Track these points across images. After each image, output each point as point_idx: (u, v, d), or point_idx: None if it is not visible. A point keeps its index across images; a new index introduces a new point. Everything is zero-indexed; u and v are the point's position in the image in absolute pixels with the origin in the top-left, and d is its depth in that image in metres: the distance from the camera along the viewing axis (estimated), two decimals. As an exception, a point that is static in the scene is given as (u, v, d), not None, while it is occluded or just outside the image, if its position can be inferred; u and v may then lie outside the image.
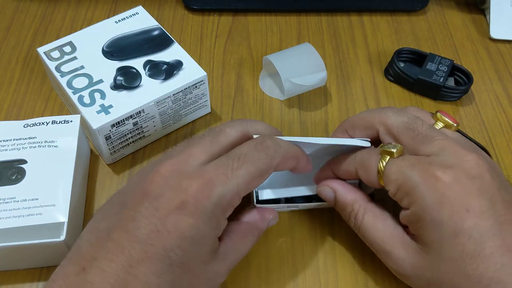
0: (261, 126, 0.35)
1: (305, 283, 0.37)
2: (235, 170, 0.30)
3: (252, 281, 0.37)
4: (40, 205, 0.35)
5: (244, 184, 0.30)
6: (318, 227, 0.40)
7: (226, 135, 0.32)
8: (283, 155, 0.32)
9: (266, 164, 0.31)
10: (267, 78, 0.51)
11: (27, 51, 0.53)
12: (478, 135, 0.47)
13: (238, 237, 0.33)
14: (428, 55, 0.50)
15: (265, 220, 0.35)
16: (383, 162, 0.33)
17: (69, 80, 0.43)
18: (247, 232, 0.34)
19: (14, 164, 0.37)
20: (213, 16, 0.57)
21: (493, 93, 0.51)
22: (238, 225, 0.34)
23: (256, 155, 0.31)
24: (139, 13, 0.49)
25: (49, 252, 0.35)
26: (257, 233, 0.34)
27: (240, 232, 0.33)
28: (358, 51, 0.54)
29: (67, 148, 0.39)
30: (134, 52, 0.45)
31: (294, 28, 0.57)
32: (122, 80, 0.43)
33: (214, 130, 0.33)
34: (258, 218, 0.35)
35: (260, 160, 0.31)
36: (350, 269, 0.38)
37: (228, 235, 0.32)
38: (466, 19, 0.59)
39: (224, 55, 0.53)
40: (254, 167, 0.30)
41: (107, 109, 0.40)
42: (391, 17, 0.58)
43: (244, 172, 0.30)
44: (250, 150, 0.31)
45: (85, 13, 0.57)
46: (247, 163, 0.30)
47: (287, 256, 0.38)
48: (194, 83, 0.43)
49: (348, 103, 0.49)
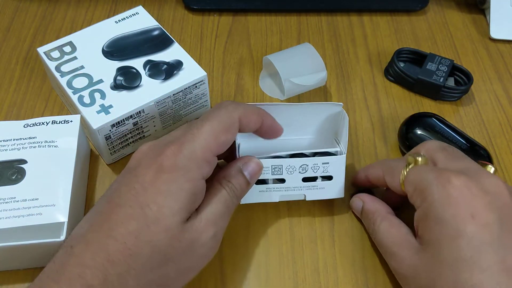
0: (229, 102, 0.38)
1: (305, 284, 0.37)
2: (200, 128, 0.32)
3: (252, 281, 0.37)
4: (40, 205, 0.35)
5: (211, 138, 0.32)
6: (318, 227, 0.40)
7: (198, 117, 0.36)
8: (243, 109, 0.34)
9: (227, 117, 0.33)
10: (267, 78, 0.51)
11: (27, 51, 0.53)
12: (478, 135, 0.47)
13: (209, 191, 0.33)
14: (428, 55, 0.50)
15: (232, 167, 0.35)
16: (407, 168, 0.35)
17: (69, 80, 0.43)
18: (213, 185, 0.34)
19: (14, 164, 0.37)
20: (213, 16, 0.57)
21: (493, 93, 0.51)
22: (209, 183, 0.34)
23: (216, 111, 0.34)
24: (139, 13, 0.49)
25: (49, 252, 0.34)
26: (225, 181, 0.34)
27: (211, 187, 0.34)
28: (358, 51, 0.54)
29: (67, 148, 0.39)
30: (134, 52, 0.45)
31: (294, 28, 0.57)
32: (122, 80, 0.43)
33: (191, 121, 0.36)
34: (225, 168, 0.36)
35: (220, 115, 0.33)
36: (350, 269, 0.38)
37: None
38: (466, 19, 0.59)
39: (224, 55, 0.53)
40: (216, 121, 0.33)
41: (107, 109, 0.40)
42: (391, 17, 0.58)
43: (208, 127, 0.32)
44: (211, 111, 0.34)
45: (85, 13, 0.57)
46: (209, 120, 0.33)
47: (287, 256, 0.38)
48: (194, 83, 0.43)
49: (348, 103, 0.49)
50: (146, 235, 0.29)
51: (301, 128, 0.41)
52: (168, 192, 0.30)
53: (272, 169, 0.38)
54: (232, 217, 0.40)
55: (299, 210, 0.41)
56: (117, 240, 0.29)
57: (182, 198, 0.30)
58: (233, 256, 0.38)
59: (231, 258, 0.38)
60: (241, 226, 0.40)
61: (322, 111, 0.38)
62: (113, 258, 0.28)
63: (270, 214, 0.41)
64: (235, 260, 0.38)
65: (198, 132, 0.32)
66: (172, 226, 0.30)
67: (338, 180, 0.39)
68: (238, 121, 0.34)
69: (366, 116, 0.48)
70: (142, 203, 0.30)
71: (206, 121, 0.33)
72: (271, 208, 0.41)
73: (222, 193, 0.34)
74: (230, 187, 0.34)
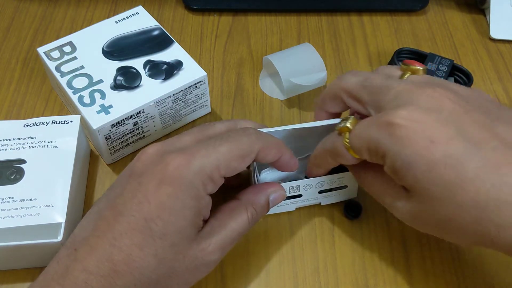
0: (250, 123, 0.36)
1: (305, 284, 0.37)
2: (217, 147, 0.31)
3: (252, 281, 0.37)
4: (38, 205, 0.35)
5: (224, 160, 0.31)
6: (318, 227, 0.40)
7: (214, 128, 0.34)
8: (264, 142, 0.33)
9: (248, 146, 0.32)
10: (267, 78, 0.51)
11: (27, 51, 0.53)
12: (478, 135, 0.47)
13: (226, 212, 0.33)
14: (428, 55, 0.50)
15: (262, 194, 0.35)
16: (346, 139, 0.33)
17: (69, 80, 0.43)
18: (237, 207, 0.33)
19: (13, 164, 0.37)
20: (213, 16, 0.57)
21: (493, 93, 0.51)
22: (226, 203, 0.34)
23: (238, 137, 0.32)
24: (139, 13, 0.49)
25: (47, 253, 0.34)
26: (251, 208, 0.34)
27: (228, 208, 0.33)
28: (358, 51, 0.54)
29: (66, 148, 0.39)
30: (134, 52, 0.45)
31: (294, 28, 0.57)
32: (122, 80, 0.43)
33: (205, 124, 0.35)
34: (253, 193, 0.35)
35: (241, 141, 0.32)
36: (350, 269, 0.38)
37: (215, 215, 0.33)
38: (466, 19, 0.59)
39: (224, 55, 0.53)
40: (235, 146, 0.31)
41: (107, 109, 0.40)
42: (391, 17, 0.58)
43: (225, 149, 0.31)
44: (234, 134, 0.32)
45: (85, 13, 0.57)
46: (229, 142, 0.31)
47: (287, 256, 0.38)
48: (194, 83, 0.43)
49: (348, 103, 0.49)
50: (151, 248, 0.29)
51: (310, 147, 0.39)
52: (173, 210, 0.29)
53: (289, 190, 0.38)
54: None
55: (299, 211, 0.41)
56: (122, 250, 0.28)
57: (187, 216, 0.30)
58: (233, 256, 0.38)
59: (231, 258, 0.38)
60: (241, 226, 0.40)
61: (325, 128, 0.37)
62: (118, 268, 0.28)
63: (270, 214, 0.41)
64: (235, 260, 0.38)
65: (213, 150, 0.31)
66: (178, 242, 0.30)
67: (351, 187, 0.40)
68: (257, 152, 0.32)
69: (366, 116, 0.48)
70: (146, 216, 0.29)
71: (225, 142, 0.31)
72: (271, 208, 0.41)
73: (243, 219, 0.33)
74: (253, 214, 0.33)
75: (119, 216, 0.29)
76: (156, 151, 0.31)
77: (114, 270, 0.28)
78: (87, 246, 0.29)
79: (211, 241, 0.31)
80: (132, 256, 0.28)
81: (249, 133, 0.33)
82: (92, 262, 0.28)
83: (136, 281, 0.29)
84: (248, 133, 0.33)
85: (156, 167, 0.30)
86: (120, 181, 0.32)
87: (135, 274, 0.28)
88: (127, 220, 0.29)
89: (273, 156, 0.34)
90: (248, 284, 0.37)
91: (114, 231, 0.29)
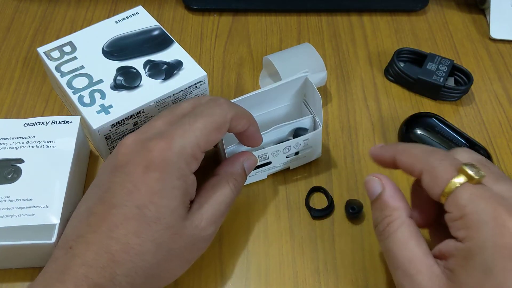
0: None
1: (305, 284, 0.37)
2: (192, 124, 0.32)
3: (252, 281, 0.37)
4: (33, 205, 0.35)
5: (202, 136, 0.32)
6: (318, 228, 0.40)
7: (182, 107, 0.35)
8: (236, 112, 0.34)
9: (221, 117, 0.33)
10: (267, 78, 0.51)
11: (27, 51, 0.53)
12: (478, 135, 0.47)
13: (209, 189, 0.34)
14: (428, 55, 0.50)
15: (237, 163, 0.36)
16: (458, 182, 0.29)
17: (69, 80, 0.43)
18: (218, 181, 0.34)
19: (11, 163, 0.37)
20: (213, 16, 0.57)
21: (493, 93, 0.51)
22: (207, 181, 0.34)
23: (210, 110, 0.33)
24: (139, 13, 0.49)
25: (41, 253, 0.35)
26: (232, 179, 0.35)
27: (210, 185, 0.34)
28: (358, 51, 0.54)
29: (65, 149, 0.39)
30: (134, 52, 0.45)
31: (294, 28, 0.57)
32: (122, 80, 0.43)
33: (171, 105, 0.35)
34: (229, 165, 0.36)
35: (214, 114, 0.33)
36: (350, 269, 0.38)
37: (199, 193, 0.33)
38: (466, 19, 0.59)
39: (224, 55, 0.53)
40: (209, 120, 0.32)
41: (107, 109, 0.40)
42: (391, 17, 0.58)
43: (201, 124, 0.32)
44: (205, 107, 0.33)
45: (85, 13, 0.57)
46: (203, 117, 0.32)
47: (287, 257, 0.38)
48: (194, 83, 0.43)
49: (348, 103, 0.49)
50: (148, 234, 0.29)
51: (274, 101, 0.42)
52: (162, 192, 0.30)
53: (259, 158, 0.40)
54: (232, 217, 0.40)
55: (299, 210, 0.41)
56: (119, 240, 0.29)
57: (176, 196, 0.31)
58: (233, 256, 0.38)
59: (231, 258, 0.38)
60: (241, 226, 0.40)
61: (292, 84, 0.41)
62: (117, 258, 0.28)
63: (270, 214, 0.41)
64: (235, 260, 0.38)
65: (190, 128, 0.32)
66: (173, 223, 0.30)
67: (316, 147, 0.42)
68: (230, 121, 0.33)
69: (366, 116, 0.48)
70: (138, 203, 0.30)
71: (199, 117, 0.32)
72: (271, 208, 0.41)
73: (226, 190, 0.34)
74: (235, 185, 0.35)
75: (112, 208, 0.29)
76: (134, 141, 0.32)
77: (113, 260, 0.28)
78: (83, 242, 0.29)
79: (203, 216, 0.32)
80: (130, 244, 0.29)
81: (220, 103, 0.34)
82: (91, 256, 0.28)
83: (137, 268, 0.29)
84: (220, 103, 0.34)
85: (139, 155, 0.31)
86: (103, 178, 0.32)
87: (136, 260, 0.29)
88: (121, 211, 0.29)
89: (243, 125, 0.35)
90: (248, 284, 0.37)
91: (109, 224, 0.29)
